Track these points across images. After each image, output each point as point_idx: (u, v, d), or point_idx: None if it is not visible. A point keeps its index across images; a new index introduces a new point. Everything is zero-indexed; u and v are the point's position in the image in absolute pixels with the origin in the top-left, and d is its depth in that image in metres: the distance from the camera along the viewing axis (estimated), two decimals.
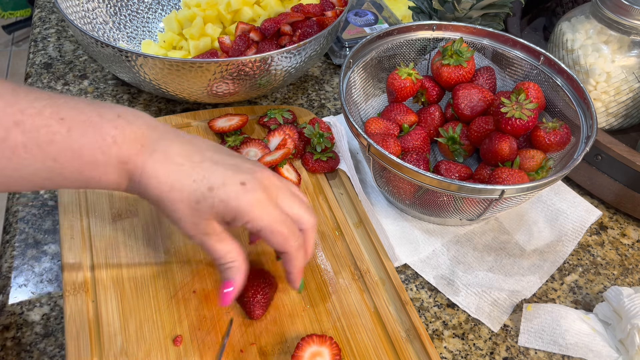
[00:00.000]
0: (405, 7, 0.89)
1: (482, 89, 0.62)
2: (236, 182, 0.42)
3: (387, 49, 0.66)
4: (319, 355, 0.46)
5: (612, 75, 0.67)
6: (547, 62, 0.63)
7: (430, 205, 0.56)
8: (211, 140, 0.65)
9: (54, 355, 0.49)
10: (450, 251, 0.59)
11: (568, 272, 0.59)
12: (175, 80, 0.62)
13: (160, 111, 0.73)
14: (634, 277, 0.60)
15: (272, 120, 0.67)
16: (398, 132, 0.62)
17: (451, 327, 0.54)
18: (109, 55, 0.61)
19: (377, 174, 0.58)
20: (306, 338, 0.47)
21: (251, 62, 0.61)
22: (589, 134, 0.56)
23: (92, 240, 0.54)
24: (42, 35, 0.84)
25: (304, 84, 0.79)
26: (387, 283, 0.54)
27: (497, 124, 0.57)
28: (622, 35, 0.66)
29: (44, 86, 0.75)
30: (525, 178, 0.53)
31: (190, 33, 0.75)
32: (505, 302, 0.55)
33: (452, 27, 0.67)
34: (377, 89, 0.68)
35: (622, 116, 0.70)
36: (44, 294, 0.53)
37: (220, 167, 0.43)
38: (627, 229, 0.64)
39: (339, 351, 0.47)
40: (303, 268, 0.47)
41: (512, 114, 0.55)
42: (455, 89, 0.62)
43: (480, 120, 0.60)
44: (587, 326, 0.52)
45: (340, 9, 0.74)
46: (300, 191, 0.49)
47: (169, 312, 0.50)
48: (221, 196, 0.42)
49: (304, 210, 0.46)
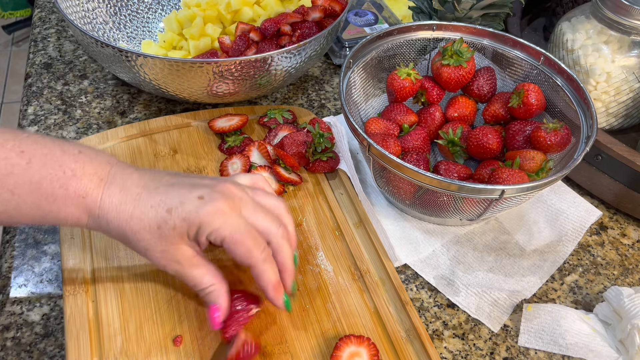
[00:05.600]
0: (405, 7, 0.89)
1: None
2: (193, 197, 0.42)
3: (387, 49, 0.66)
4: (357, 356, 0.47)
5: (612, 75, 0.66)
6: (547, 62, 0.63)
7: (430, 206, 0.56)
8: (211, 139, 0.66)
9: (54, 355, 0.49)
10: (450, 251, 0.59)
11: (568, 272, 0.59)
12: (175, 80, 0.62)
13: (160, 111, 0.73)
14: (634, 277, 0.60)
15: (272, 120, 0.67)
16: (398, 132, 0.62)
17: (451, 327, 0.54)
18: (109, 55, 0.61)
19: (377, 174, 0.58)
20: (344, 338, 0.47)
21: (251, 62, 0.61)
22: (589, 134, 0.56)
23: (92, 240, 0.54)
24: (42, 35, 0.84)
25: (304, 84, 0.79)
26: (387, 283, 0.54)
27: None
28: (622, 35, 0.66)
29: (44, 86, 0.75)
30: (525, 178, 0.53)
31: (190, 33, 0.75)
32: (505, 302, 0.55)
33: (452, 27, 0.67)
34: (377, 89, 0.68)
35: (622, 116, 0.70)
36: (44, 294, 0.53)
37: (176, 187, 0.43)
38: (627, 229, 0.64)
39: (376, 352, 0.47)
40: (281, 284, 0.46)
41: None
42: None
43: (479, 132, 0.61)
44: (587, 326, 0.52)
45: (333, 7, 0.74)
46: (277, 199, 0.48)
47: (169, 312, 0.50)
48: (181, 215, 0.41)
49: (270, 221, 0.45)
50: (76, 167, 0.41)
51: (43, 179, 0.40)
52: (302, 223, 0.59)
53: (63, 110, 0.71)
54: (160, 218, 0.41)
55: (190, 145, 0.65)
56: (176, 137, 0.66)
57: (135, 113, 0.72)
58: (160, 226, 0.41)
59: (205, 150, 0.65)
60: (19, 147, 0.40)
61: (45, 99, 0.73)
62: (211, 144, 0.66)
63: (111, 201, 0.42)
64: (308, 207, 0.60)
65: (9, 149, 0.40)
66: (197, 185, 0.43)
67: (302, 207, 0.60)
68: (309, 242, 0.57)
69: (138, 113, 0.72)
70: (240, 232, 0.42)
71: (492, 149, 0.59)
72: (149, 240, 0.42)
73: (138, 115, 0.72)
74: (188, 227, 0.42)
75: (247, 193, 0.45)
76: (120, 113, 0.72)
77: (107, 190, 0.42)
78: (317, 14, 0.72)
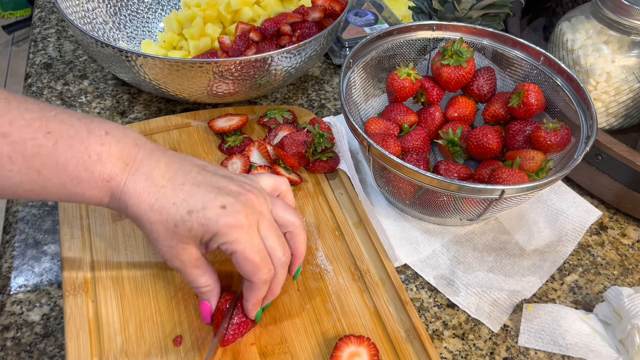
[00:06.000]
0: (405, 7, 0.89)
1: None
2: (216, 205, 0.42)
3: (387, 49, 0.66)
4: (357, 356, 0.47)
5: (612, 75, 0.66)
6: (547, 62, 0.63)
7: (430, 206, 0.56)
8: (211, 139, 0.66)
9: (54, 355, 0.49)
10: (450, 251, 0.59)
11: (568, 272, 0.59)
12: (175, 80, 0.62)
13: (160, 111, 0.73)
14: (634, 277, 0.59)
15: (272, 120, 0.67)
16: (398, 132, 0.62)
17: (451, 327, 0.54)
18: (109, 55, 0.61)
19: (377, 174, 0.58)
20: (344, 338, 0.47)
21: (251, 62, 0.61)
22: (589, 134, 0.56)
23: (92, 240, 0.54)
24: (42, 35, 0.84)
25: (304, 84, 0.79)
26: (387, 283, 0.54)
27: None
28: (622, 35, 0.66)
29: (44, 86, 0.75)
30: (525, 178, 0.53)
31: (190, 33, 0.75)
32: (505, 302, 0.55)
33: (452, 27, 0.67)
34: (377, 89, 0.68)
35: (622, 116, 0.70)
36: (44, 294, 0.53)
37: (202, 190, 0.43)
38: (627, 229, 0.64)
39: (376, 352, 0.47)
40: (261, 302, 0.47)
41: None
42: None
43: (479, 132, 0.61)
44: (587, 326, 0.52)
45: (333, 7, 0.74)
46: (295, 214, 0.47)
47: (169, 312, 0.50)
48: (200, 220, 0.41)
49: (279, 244, 0.45)
50: (102, 150, 0.41)
51: (69, 161, 0.40)
52: None
53: None
54: (180, 217, 0.42)
55: (190, 145, 0.65)
56: (176, 137, 0.66)
57: (135, 113, 0.72)
58: (177, 224, 0.42)
59: (205, 150, 0.65)
60: (45, 127, 0.40)
61: (45, 99, 0.73)
62: (211, 144, 0.66)
63: (135, 188, 0.42)
64: (308, 207, 0.60)
65: (36, 129, 0.39)
66: (223, 191, 0.43)
67: (302, 207, 0.60)
68: (309, 242, 0.57)
69: (138, 113, 0.72)
70: (252, 251, 0.43)
71: (492, 149, 0.59)
72: (163, 233, 0.42)
73: (138, 115, 0.72)
74: (203, 233, 0.42)
75: (267, 205, 0.45)
76: (120, 113, 0.72)
77: (132, 176, 0.42)
78: (317, 14, 0.72)
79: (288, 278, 0.49)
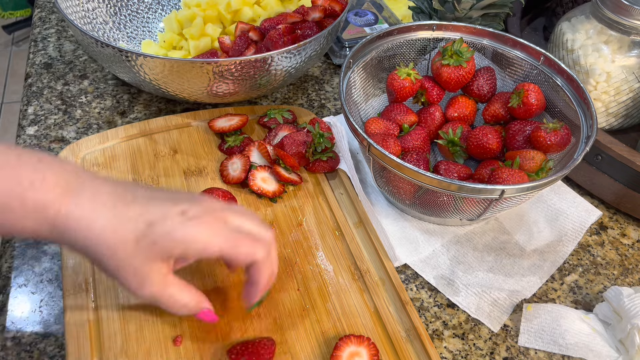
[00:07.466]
0: (405, 7, 0.89)
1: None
2: (177, 212, 0.39)
3: (387, 49, 0.66)
4: (357, 356, 0.47)
5: (612, 75, 0.67)
6: (547, 62, 0.63)
7: (430, 205, 0.56)
8: (211, 139, 0.66)
9: (54, 355, 0.49)
10: (450, 251, 0.59)
11: (568, 272, 0.59)
12: (175, 80, 0.62)
13: (160, 111, 0.73)
14: (634, 277, 0.60)
15: (272, 120, 0.67)
16: (398, 132, 0.62)
17: (451, 327, 0.54)
18: (109, 55, 0.61)
19: (377, 174, 0.58)
20: (344, 338, 0.47)
21: (251, 62, 0.61)
22: (589, 134, 0.56)
23: None
24: (42, 35, 0.84)
25: (304, 84, 0.79)
26: (387, 283, 0.54)
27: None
28: (622, 35, 0.66)
29: (44, 86, 0.75)
30: (525, 178, 0.53)
31: (190, 33, 0.75)
32: (505, 302, 0.55)
33: (452, 27, 0.67)
34: (377, 89, 0.68)
35: (622, 116, 0.70)
36: (44, 294, 0.53)
37: (157, 201, 0.40)
38: (627, 229, 0.64)
39: (376, 351, 0.47)
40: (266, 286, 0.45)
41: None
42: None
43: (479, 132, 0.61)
44: (587, 326, 0.52)
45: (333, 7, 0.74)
46: (251, 212, 0.47)
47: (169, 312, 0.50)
48: (163, 229, 0.38)
49: (257, 225, 0.43)
50: (35, 177, 0.38)
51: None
52: (302, 223, 0.59)
53: (63, 110, 0.71)
54: (140, 232, 0.38)
55: (190, 145, 0.65)
56: (176, 137, 0.66)
57: (135, 113, 0.72)
58: (139, 240, 0.38)
59: (205, 150, 0.65)
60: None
61: (46, 99, 0.73)
62: (211, 144, 0.66)
63: (81, 212, 0.38)
64: (308, 207, 0.60)
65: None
66: (178, 199, 0.41)
67: (302, 207, 0.60)
68: (309, 242, 0.57)
69: (138, 113, 0.72)
70: (232, 239, 0.41)
71: (492, 149, 0.59)
72: (123, 256, 0.38)
73: (138, 115, 0.72)
74: (171, 244, 0.39)
75: (226, 205, 0.44)
76: (121, 113, 0.72)
77: (75, 200, 0.38)
78: (317, 14, 0.72)
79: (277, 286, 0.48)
